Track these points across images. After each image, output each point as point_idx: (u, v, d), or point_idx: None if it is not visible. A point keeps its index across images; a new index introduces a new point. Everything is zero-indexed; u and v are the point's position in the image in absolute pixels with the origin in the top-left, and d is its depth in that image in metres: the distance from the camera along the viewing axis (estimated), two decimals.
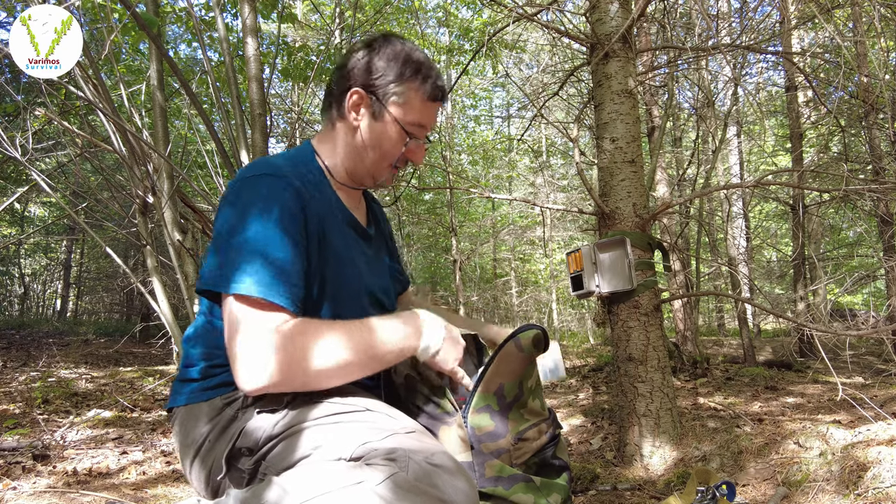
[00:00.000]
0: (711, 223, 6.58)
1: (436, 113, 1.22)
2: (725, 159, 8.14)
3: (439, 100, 1.20)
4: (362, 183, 1.22)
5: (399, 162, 1.19)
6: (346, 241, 1.15)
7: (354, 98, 1.14)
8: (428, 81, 1.15)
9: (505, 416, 1.13)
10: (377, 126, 1.15)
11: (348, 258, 1.14)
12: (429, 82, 1.15)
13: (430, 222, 11.37)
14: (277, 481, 0.86)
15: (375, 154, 1.17)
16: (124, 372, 4.87)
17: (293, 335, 0.93)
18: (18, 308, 15.94)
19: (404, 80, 1.14)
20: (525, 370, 1.17)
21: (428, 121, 1.18)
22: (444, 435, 1.12)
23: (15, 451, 2.16)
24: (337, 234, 1.13)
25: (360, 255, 1.19)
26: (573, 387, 3.93)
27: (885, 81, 3.67)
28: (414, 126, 1.16)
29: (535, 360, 1.20)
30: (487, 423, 1.12)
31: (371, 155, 1.17)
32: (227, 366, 1.08)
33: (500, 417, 1.13)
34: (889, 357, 3.83)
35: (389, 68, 1.14)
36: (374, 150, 1.16)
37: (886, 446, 1.45)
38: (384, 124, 1.15)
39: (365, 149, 1.17)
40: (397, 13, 8.07)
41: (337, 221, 1.14)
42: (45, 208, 12.68)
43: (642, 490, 1.78)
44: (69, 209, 3.20)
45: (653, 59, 4.21)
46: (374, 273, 1.23)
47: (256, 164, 1.10)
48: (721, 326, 10.19)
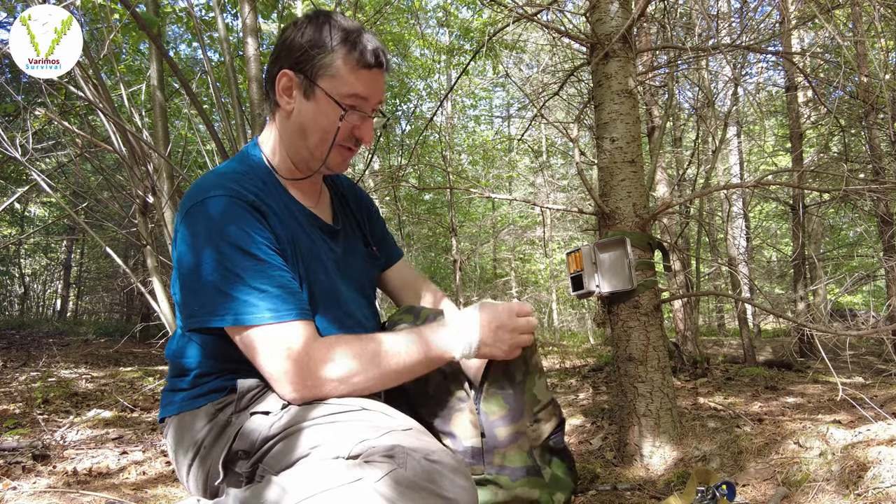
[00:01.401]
0: (711, 223, 6.58)
1: (375, 81, 1.09)
2: (725, 159, 8.14)
3: (374, 66, 1.08)
4: (311, 171, 1.15)
5: (346, 141, 1.11)
6: (313, 243, 1.13)
7: (283, 81, 1.08)
8: (357, 47, 1.06)
9: (520, 397, 1.13)
10: (310, 105, 1.08)
11: (318, 261, 1.12)
12: (357, 48, 1.06)
13: (430, 222, 11.38)
14: (277, 480, 0.86)
15: (315, 136, 1.09)
16: (124, 372, 4.87)
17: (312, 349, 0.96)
18: (18, 308, 15.95)
19: (330, 50, 1.06)
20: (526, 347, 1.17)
21: (366, 90, 1.08)
22: (457, 420, 1.12)
23: (15, 451, 2.16)
24: (303, 237, 1.11)
25: (329, 255, 1.16)
26: (573, 387, 3.93)
27: (885, 81, 3.67)
28: (350, 97, 1.07)
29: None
30: (501, 407, 1.12)
31: (311, 138, 1.10)
32: (216, 374, 1.09)
33: (513, 398, 1.13)
34: (889, 357, 3.83)
35: (314, 42, 1.06)
36: (313, 131, 1.09)
37: (886, 446, 1.45)
38: (317, 102, 1.07)
39: (303, 133, 1.10)
40: (397, 13, 8.07)
41: (300, 225, 1.11)
42: (45, 208, 12.68)
43: (642, 490, 1.78)
44: (69, 209, 3.20)
45: (653, 59, 4.21)
46: (346, 270, 1.20)
47: (203, 186, 1.03)
48: (721, 326, 10.19)
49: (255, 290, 0.95)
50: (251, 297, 0.94)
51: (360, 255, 1.28)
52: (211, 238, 0.96)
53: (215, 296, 0.95)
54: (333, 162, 1.14)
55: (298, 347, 0.95)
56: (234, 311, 0.94)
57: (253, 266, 0.96)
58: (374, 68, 1.09)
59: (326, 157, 1.11)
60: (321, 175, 1.22)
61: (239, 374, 1.06)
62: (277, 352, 0.94)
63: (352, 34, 1.07)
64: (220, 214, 0.98)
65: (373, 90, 1.09)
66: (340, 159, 1.14)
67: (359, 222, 1.33)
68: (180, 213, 1.03)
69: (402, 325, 1.21)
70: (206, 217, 0.98)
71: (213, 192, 1.00)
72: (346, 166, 1.17)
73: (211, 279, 0.95)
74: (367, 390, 1.00)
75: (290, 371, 0.95)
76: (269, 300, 0.95)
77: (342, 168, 1.17)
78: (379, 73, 1.10)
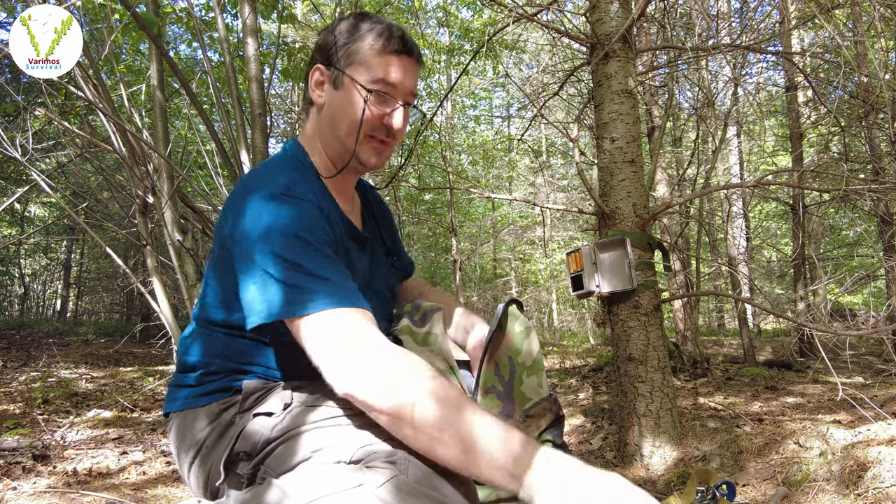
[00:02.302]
0: (711, 223, 6.58)
1: (404, 68, 1.08)
2: (725, 159, 8.14)
3: (402, 51, 1.07)
4: (344, 164, 1.12)
5: (376, 131, 1.08)
6: (349, 251, 1.12)
7: (316, 76, 1.10)
8: (383, 34, 1.06)
9: (510, 395, 1.15)
10: (340, 95, 1.07)
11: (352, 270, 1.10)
12: (384, 34, 1.06)
13: (430, 222, 11.37)
14: (277, 483, 0.86)
15: (343, 124, 1.08)
16: (124, 372, 4.87)
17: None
18: (18, 308, 15.95)
19: (356, 38, 1.07)
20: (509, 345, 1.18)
21: (392, 76, 1.06)
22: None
23: (15, 451, 2.16)
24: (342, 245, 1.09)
25: (360, 264, 1.16)
26: (573, 387, 3.93)
27: (885, 81, 3.67)
28: (375, 83, 1.06)
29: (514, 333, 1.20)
30: (496, 405, 1.14)
31: (340, 127, 1.08)
32: (223, 372, 1.08)
33: (506, 396, 1.15)
34: (889, 357, 3.82)
35: (342, 35, 1.08)
36: (342, 120, 1.08)
37: (886, 446, 1.45)
38: (345, 90, 1.07)
39: (333, 123, 1.09)
40: (397, 13, 8.07)
41: (344, 233, 1.11)
42: (45, 208, 12.68)
43: (642, 490, 1.78)
44: (69, 209, 3.20)
45: (653, 59, 4.21)
46: (371, 281, 1.20)
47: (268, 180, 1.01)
48: (721, 326, 10.19)
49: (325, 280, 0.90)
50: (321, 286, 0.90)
51: (383, 264, 1.26)
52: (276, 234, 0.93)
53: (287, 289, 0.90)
54: (365, 154, 1.09)
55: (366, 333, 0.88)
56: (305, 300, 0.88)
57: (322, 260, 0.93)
58: (403, 54, 1.07)
59: (355, 146, 1.08)
60: (355, 177, 1.18)
61: (245, 375, 1.06)
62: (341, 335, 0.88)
63: (380, 24, 1.08)
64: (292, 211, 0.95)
65: (400, 76, 1.07)
66: (372, 151, 1.10)
67: (381, 230, 1.31)
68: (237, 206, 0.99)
69: (403, 318, 1.22)
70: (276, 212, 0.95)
71: (274, 190, 0.98)
72: (380, 161, 1.11)
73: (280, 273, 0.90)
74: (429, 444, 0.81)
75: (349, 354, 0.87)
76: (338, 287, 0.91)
77: (376, 162, 1.11)
78: (408, 61, 1.08)
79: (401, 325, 1.21)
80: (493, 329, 1.18)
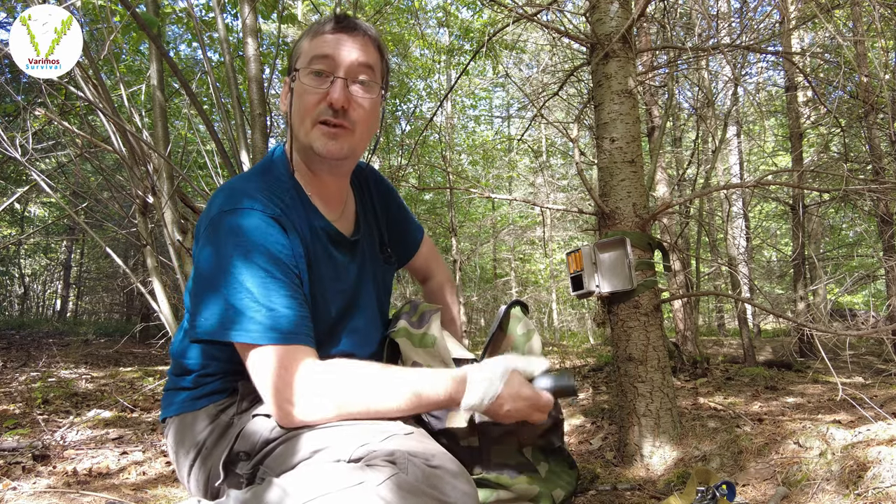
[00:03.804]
0: (711, 223, 6.58)
1: (338, 41, 1.04)
2: (725, 159, 8.14)
3: (334, 29, 1.05)
4: (312, 162, 1.10)
5: (323, 114, 1.04)
6: (333, 267, 1.11)
7: (284, 89, 1.11)
8: (318, 22, 1.07)
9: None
10: (293, 92, 1.06)
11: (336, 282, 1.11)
12: (319, 22, 1.07)
13: (430, 222, 11.37)
14: (278, 482, 0.86)
15: (297, 117, 1.06)
16: (124, 372, 4.87)
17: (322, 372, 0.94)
18: (18, 308, 15.95)
19: (301, 38, 1.09)
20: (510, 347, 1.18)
21: (323, 50, 1.03)
22: (452, 418, 1.12)
23: (15, 451, 2.16)
24: (322, 256, 1.09)
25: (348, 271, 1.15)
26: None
27: (885, 81, 3.67)
28: (311, 62, 1.04)
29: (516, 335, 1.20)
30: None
31: (298, 121, 1.06)
32: (219, 374, 1.08)
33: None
34: (889, 357, 3.83)
35: (299, 42, 1.10)
36: (297, 112, 1.06)
37: (886, 446, 1.45)
38: (297, 85, 1.05)
39: (294, 119, 1.06)
40: (397, 13, 8.07)
41: (321, 243, 1.09)
42: (45, 208, 12.68)
43: (642, 490, 1.78)
44: (69, 209, 3.20)
45: (653, 59, 4.21)
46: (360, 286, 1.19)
47: (229, 194, 1.01)
48: (721, 326, 10.19)
49: (264, 308, 0.92)
50: (258, 314, 0.92)
51: (377, 262, 1.26)
52: (231, 250, 0.94)
53: (225, 310, 0.93)
54: (318, 142, 1.04)
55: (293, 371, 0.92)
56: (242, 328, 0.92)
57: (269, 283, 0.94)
58: (338, 31, 1.05)
59: (315, 138, 1.04)
60: (338, 178, 1.15)
61: (241, 376, 1.06)
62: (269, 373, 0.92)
63: (323, 18, 1.08)
64: (243, 227, 0.96)
65: (332, 49, 1.03)
66: (322, 136, 1.04)
67: (377, 219, 1.29)
68: (204, 220, 1.01)
69: (401, 318, 1.23)
70: (228, 228, 0.96)
71: (239, 204, 0.98)
72: (337, 148, 1.05)
73: (224, 292, 0.93)
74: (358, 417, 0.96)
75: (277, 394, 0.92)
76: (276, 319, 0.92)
77: (332, 149, 1.04)
78: (345, 37, 1.05)
79: (398, 327, 1.20)
80: (494, 330, 1.18)
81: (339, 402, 0.93)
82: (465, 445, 1.12)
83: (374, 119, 1.11)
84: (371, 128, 1.10)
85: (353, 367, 0.97)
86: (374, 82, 1.07)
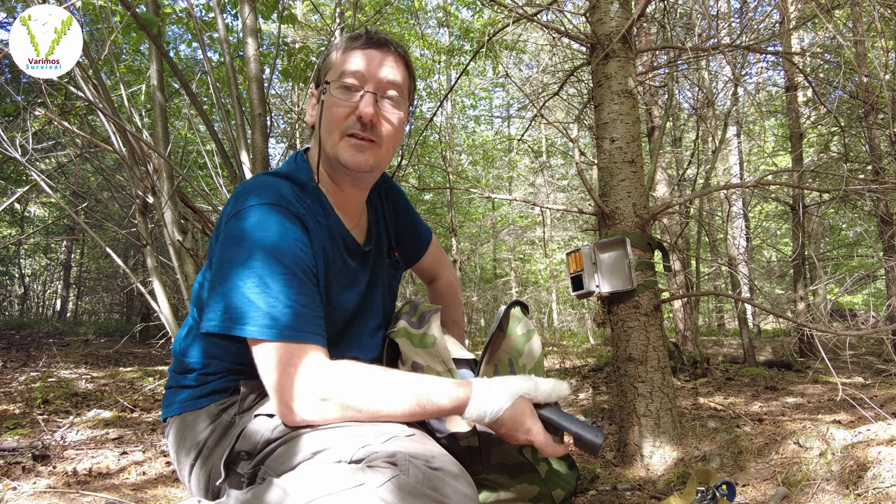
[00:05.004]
0: (711, 223, 6.58)
1: (367, 57, 1.07)
2: (725, 159, 8.14)
3: (365, 45, 1.07)
4: (337, 173, 1.12)
5: (352, 127, 1.06)
6: (345, 269, 1.12)
7: (311, 99, 1.14)
8: (350, 38, 1.09)
9: None
10: (324, 106, 1.08)
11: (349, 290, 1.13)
12: (350, 37, 1.09)
13: (431, 222, 11.37)
14: (278, 483, 0.86)
15: (325, 129, 1.08)
16: (124, 372, 4.87)
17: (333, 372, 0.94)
18: (18, 308, 15.94)
19: (330, 51, 1.11)
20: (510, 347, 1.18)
21: (354, 65, 1.06)
22: (454, 421, 1.12)
23: (15, 451, 2.16)
24: (338, 262, 1.10)
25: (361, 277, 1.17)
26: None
27: (885, 81, 3.67)
28: (342, 77, 1.06)
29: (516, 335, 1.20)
30: None
31: (324, 133, 1.08)
32: (221, 373, 1.08)
33: None
34: (889, 357, 3.82)
35: (326, 54, 1.12)
36: (325, 124, 1.08)
37: (886, 446, 1.45)
38: (326, 97, 1.07)
39: (323, 130, 1.08)
40: (397, 13, 8.07)
41: (338, 251, 1.11)
42: (45, 208, 12.68)
43: (642, 490, 1.78)
44: (69, 209, 3.20)
45: (653, 59, 4.21)
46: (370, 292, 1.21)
47: (264, 188, 1.02)
48: (721, 326, 10.19)
49: (279, 304, 0.92)
50: (273, 309, 0.92)
51: (386, 269, 1.28)
52: (251, 244, 0.95)
53: (238, 303, 0.93)
54: (344, 153, 1.06)
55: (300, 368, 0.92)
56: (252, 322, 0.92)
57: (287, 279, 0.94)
58: (368, 47, 1.07)
59: (342, 150, 1.06)
60: (359, 191, 1.16)
61: (242, 375, 1.06)
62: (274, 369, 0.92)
63: (354, 34, 1.09)
64: (267, 222, 0.96)
65: (363, 65, 1.05)
66: (349, 148, 1.06)
67: (387, 224, 1.31)
68: (228, 211, 1.01)
69: (400, 320, 1.23)
70: (253, 222, 0.96)
71: (265, 200, 0.99)
72: (363, 160, 1.07)
73: (239, 284, 0.93)
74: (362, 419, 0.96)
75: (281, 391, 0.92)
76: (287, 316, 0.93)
77: (357, 161, 1.07)
78: (375, 52, 1.07)
79: (398, 328, 1.20)
80: (494, 330, 1.18)
81: (343, 404, 0.93)
82: (465, 445, 1.12)
83: (400, 135, 1.14)
84: (396, 143, 1.14)
85: (360, 370, 0.97)
86: (403, 99, 1.11)
